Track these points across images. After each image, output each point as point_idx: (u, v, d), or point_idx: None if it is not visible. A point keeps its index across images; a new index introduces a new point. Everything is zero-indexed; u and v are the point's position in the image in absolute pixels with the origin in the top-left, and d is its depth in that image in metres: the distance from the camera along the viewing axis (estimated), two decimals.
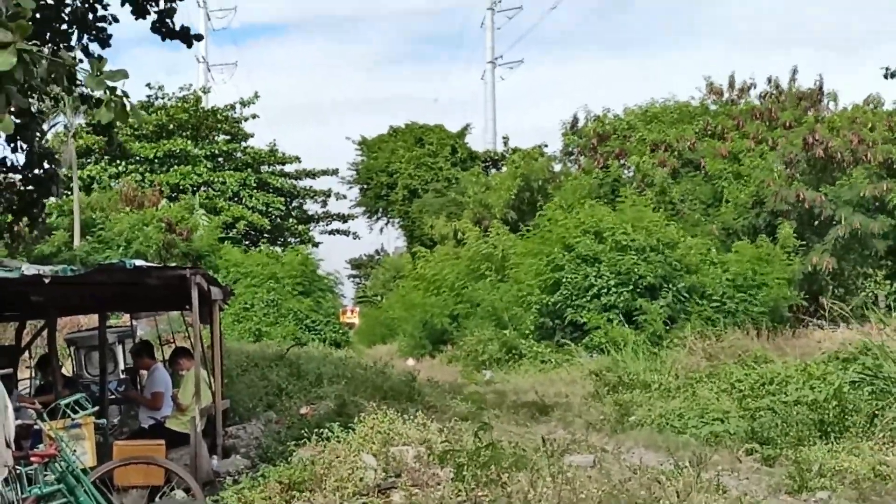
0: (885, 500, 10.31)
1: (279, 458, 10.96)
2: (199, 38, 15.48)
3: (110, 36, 14.31)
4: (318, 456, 10.10)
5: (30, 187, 14.21)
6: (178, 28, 15.02)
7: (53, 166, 14.36)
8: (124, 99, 7.84)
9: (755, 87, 41.43)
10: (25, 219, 14.54)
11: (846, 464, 11.50)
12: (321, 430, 11.27)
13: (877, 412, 13.31)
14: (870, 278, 31.63)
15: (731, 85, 41.67)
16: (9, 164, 13.91)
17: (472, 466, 8.60)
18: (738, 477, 11.44)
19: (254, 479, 10.01)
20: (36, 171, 14.09)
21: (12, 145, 13.57)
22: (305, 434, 10.95)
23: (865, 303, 27.66)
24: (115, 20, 14.34)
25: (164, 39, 15.00)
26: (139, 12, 14.74)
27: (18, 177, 14.30)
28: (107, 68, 7.69)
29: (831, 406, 13.61)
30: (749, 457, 12.58)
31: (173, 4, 14.96)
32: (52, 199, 16.70)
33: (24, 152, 13.85)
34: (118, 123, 8.20)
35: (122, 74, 7.56)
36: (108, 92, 7.48)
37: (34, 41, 12.94)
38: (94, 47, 14.40)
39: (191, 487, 9.75)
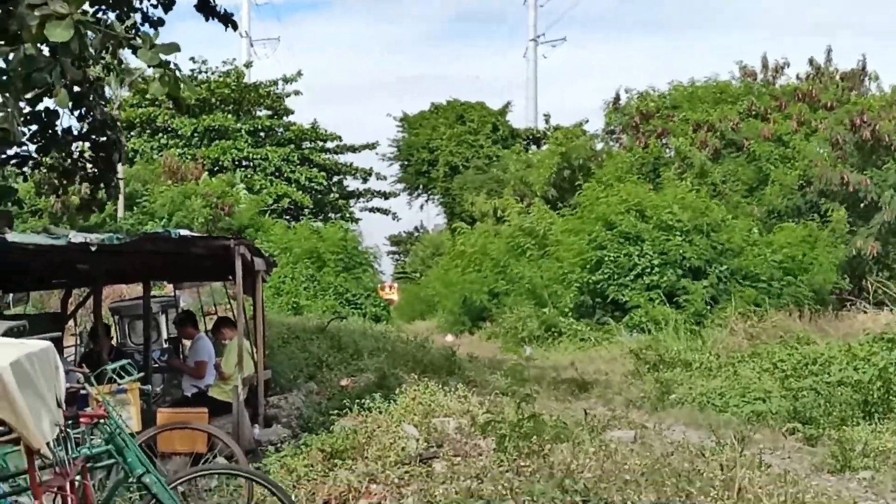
0: None
1: (320, 428, 11.04)
2: (234, 25, 15.50)
3: (173, 2, 14.40)
4: (360, 426, 10.16)
5: (102, 154, 14.34)
6: (221, 11, 15.11)
7: (116, 133, 14.47)
8: (176, 73, 7.91)
9: (788, 67, 41.00)
10: (102, 186, 14.70)
11: (890, 444, 11.39)
12: (362, 401, 11.34)
13: None
14: None
15: (765, 66, 41.18)
16: (74, 132, 14.05)
17: (514, 437, 8.61)
18: (780, 456, 11.39)
19: (296, 448, 10.09)
20: (100, 138, 14.21)
21: (77, 113, 13.69)
22: (347, 404, 11.01)
23: None
24: None
25: (207, 20, 15.07)
26: None
27: (87, 144, 14.43)
28: (158, 41, 7.75)
29: (876, 387, 13.48)
30: (791, 436, 12.51)
31: None
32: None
33: (87, 120, 13.98)
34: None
35: (175, 48, 7.61)
36: (161, 65, 7.54)
37: (98, 5, 13.07)
38: (157, 13, 14.49)
39: (234, 454, 9.82)
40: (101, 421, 6.83)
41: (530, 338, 27.00)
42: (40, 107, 12.86)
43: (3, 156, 13.16)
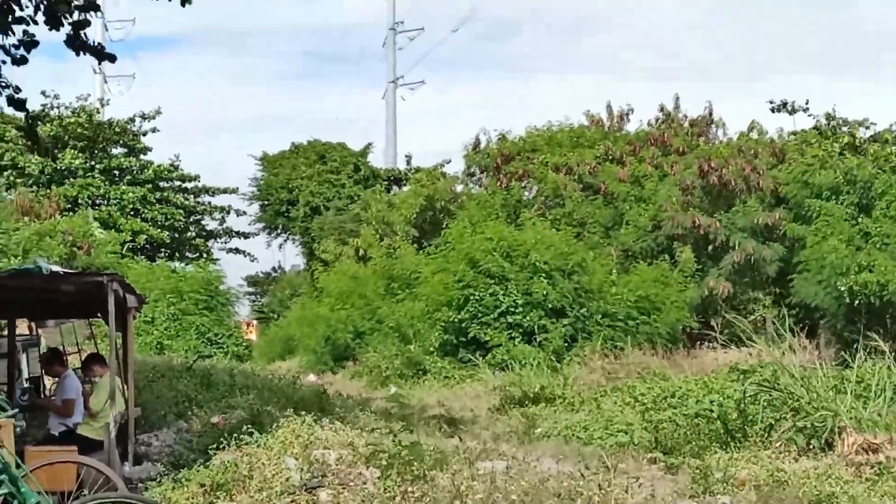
0: None
1: (194, 464, 11.01)
2: (112, 58, 15.33)
3: (36, 42, 14.14)
4: (240, 459, 10.20)
5: None
6: (92, 43, 14.92)
7: None
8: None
9: (633, 113, 42.58)
10: None
11: (746, 471, 12.02)
12: (238, 436, 11.36)
13: (773, 422, 13.93)
14: (759, 302, 32.77)
15: (610, 113, 42.62)
16: None
17: (397, 465, 8.82)
18: (643, 483, 11.89)
19: (174, 482, 10.08)
20: None
21: None
22: (224, 439, 11.03)
23: (755, 326, 28.62)
24: (34, 22, 14.18)
25: (78, 54, 14.88)
26: (53, 23, 14.61)
27: None
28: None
29: (732, 417, 14.20)
30: (654, 465, 13.03)
31: (87, 16, 14.85)
32: None
33: None
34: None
35: None
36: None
37: None
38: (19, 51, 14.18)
39: (111, 487, 9.75)
40: None
41: (396, 376, 27.20)
42: None
43: None
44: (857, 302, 27.73)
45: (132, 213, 48.29)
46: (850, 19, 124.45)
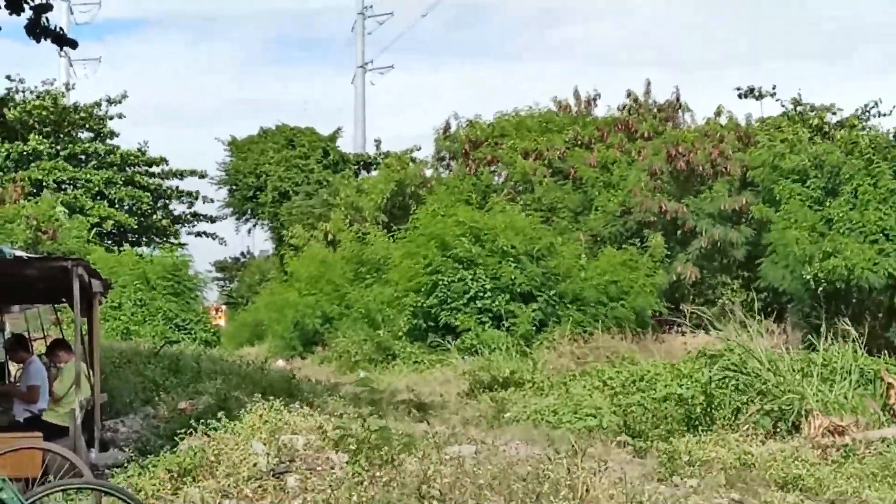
0: (749, 486, 10.92)
1: (161, 450, 10.94)
2: (73, 44, 15.13)
3: None
4: (207, 445, 10.14)
5: None
6: (53, 28, 14.70)
7: None
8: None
9: (600, 98, 42.73)
10: None
11: (713, 454, 12.11)
12: (205, 421, 11.30)
13: (741, 406, 14.04)
14: (727, 287, 32.92)
15: (577, 98, 42.71)
16: None
17: (365, 450, 8.80)
18: (612, 467, 11.93)
19: (141, 468, 10.00)
20: None
21: None
22: (193, 425, 10.96)
23: (723, 311, 28.73)
24: None
25: (38, 41, 14.65)
26: (14, 7, 14.37)
27: None
28: None
29: (699, 401, 14.28)
30: (622, 449, 13.12)
31: (49, 0, 14.63)
32: None
33: None
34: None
35: None
36: None
37: None
38: None
39: (77, 474, 9.65)
40: None
41: (364, 361, 27.15)
42: None
43: None
44: (820, 289, 27.85)
45: (98, 195, 47.86)
46: (818, 6, 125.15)
